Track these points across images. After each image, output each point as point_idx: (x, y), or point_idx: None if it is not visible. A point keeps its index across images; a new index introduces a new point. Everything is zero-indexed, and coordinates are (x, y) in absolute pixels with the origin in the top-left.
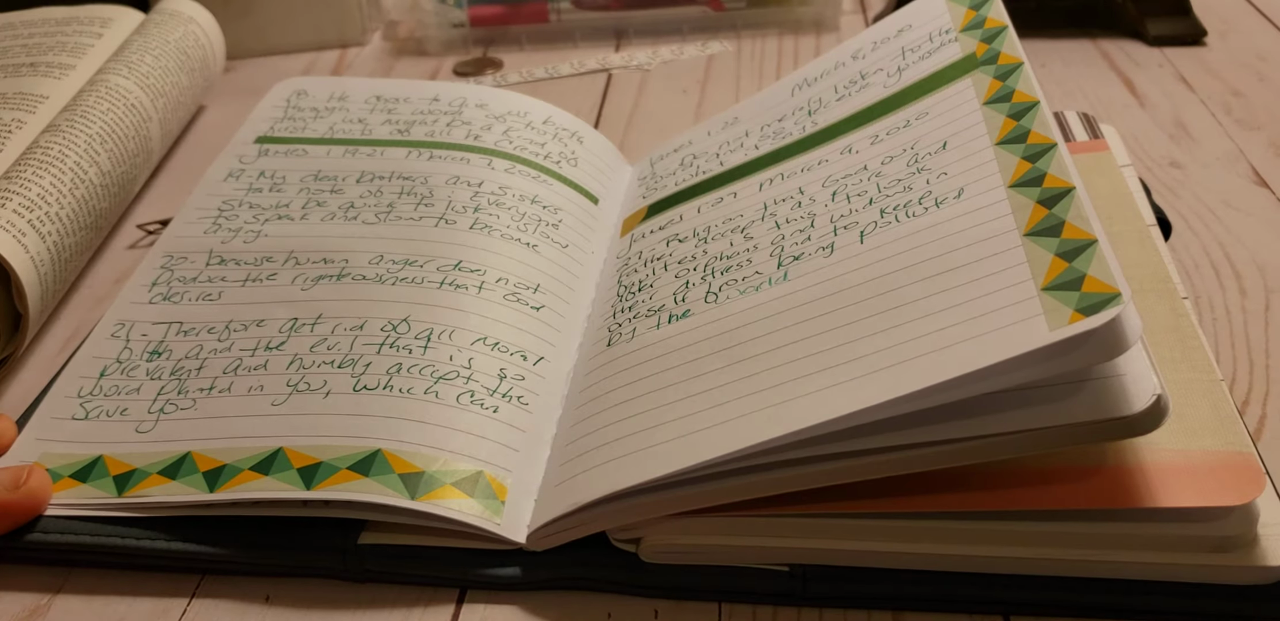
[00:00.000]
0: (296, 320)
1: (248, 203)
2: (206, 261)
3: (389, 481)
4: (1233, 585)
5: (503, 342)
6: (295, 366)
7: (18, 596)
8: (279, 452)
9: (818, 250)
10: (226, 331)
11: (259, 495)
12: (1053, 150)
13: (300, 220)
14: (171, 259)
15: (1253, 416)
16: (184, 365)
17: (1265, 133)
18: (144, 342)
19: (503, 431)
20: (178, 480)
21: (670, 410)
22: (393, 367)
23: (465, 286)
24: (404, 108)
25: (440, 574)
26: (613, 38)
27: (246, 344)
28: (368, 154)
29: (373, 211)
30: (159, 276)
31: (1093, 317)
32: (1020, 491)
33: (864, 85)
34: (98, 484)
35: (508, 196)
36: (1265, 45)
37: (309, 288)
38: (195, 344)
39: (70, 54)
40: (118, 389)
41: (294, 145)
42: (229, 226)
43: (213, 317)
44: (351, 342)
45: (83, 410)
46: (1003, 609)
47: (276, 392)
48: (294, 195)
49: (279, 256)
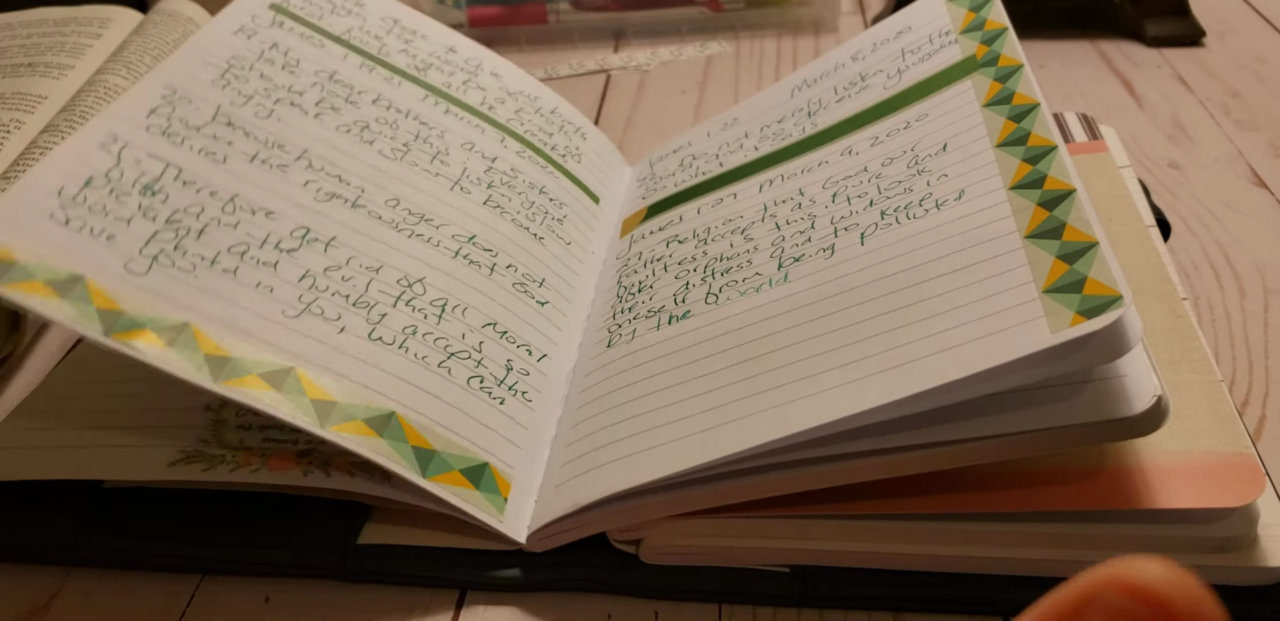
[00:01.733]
0: (309, 231)
1: (259, 71)
2: (213, 115)
3: (401, 450)
4: (1233, 586)
5: (510, 332)
6: (308, 283)
7: (18, 596)
8: (292, 372)
9: (818, 251)
10: (232, 205)
11: (271, 410)
12: (1053, 152)
13: (314, 118)
14: (175, 94)
15: (1252, 417)
16: (183, 219)
17: (1264, 134)
18: (137, 171)
19: (508, 426)
20: (174, 348)
21: (671, 411)
22: (409, 328)
23: (479, 264)
24: (422, 45)
25: (440, 574)
26: (611, 38)
27: (255, 231)
28: (384, 77)
29: (388, 144)
30: (158, 106)
31: (1094, 320)
32: (1020, 492)
33: (864, 87)
34: (80, 309)
35: (519, 181)
36: (1264, 46)
37: (323, 201)
38: (196, 202)
39: (69, 54)
40: (104, 209)
41: (310, 31)
42: (240, 88)
43: (218, 181)
44: (367, 284)
45: (63, 214)
46: (1003, 610)
47: (288, 302)
48: (308, 87)
49: (292, 149)
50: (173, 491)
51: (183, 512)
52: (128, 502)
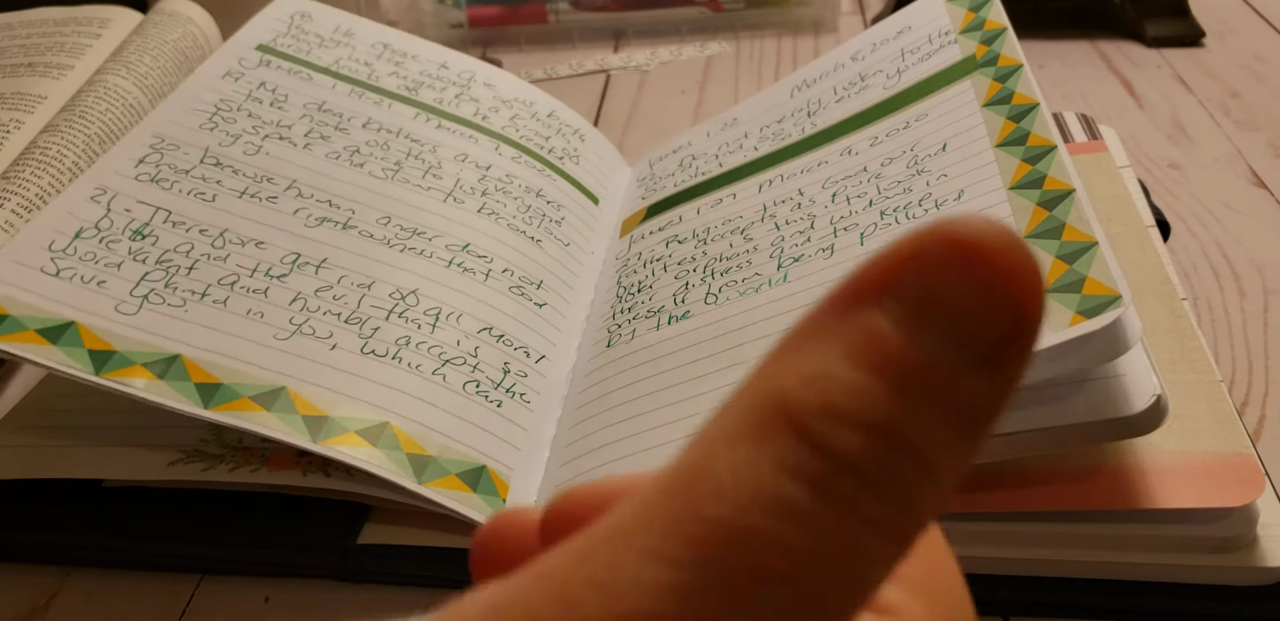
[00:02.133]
0: (300, 256)
1: (247, 110)
2: (201, 158)
3: (396, 458)
4: (1232, 586)
5: (507, 335)
6: (299, 306)
7: (18, 596)
8: (283, 391)
9: (817, 251)
10: (221, 240)
11: (261, 430)
12: (1053, 152)
13: (303, 149)
14: (163, 142)
15: (1252, 417)
16: (173, 258)
17: (1264, 134)
18: (127, 218)
19: (506, 428)
20: (165, 380)
21: (670, 411)
22: (402, 339)
23: (474, 271)
24: (412, 65)
25: (440, 574)
26: (611, 38)
27: (245, 262)
28: (374, 102)
29: (379, 165)
30: (147, 155)
31: (1094, 319)
32: (1019, 492)
33: (863, 87)
34: (70, 353)
35: (514, 186)
36: (1263, 46)
37: (313, 226)
38: (186, 241)
39: (68, 54)
40: (95, 256)
41: (298, 66)
42: (228, 129)
43: (206, 220)
44: (359, 300)
45: (54, 266)
46: (1002, 610)
47: (279, 326)
48: (296, 120)
49: (280, 181)
50: (173, 491)
51: (183, 512)
52: (128, 502)
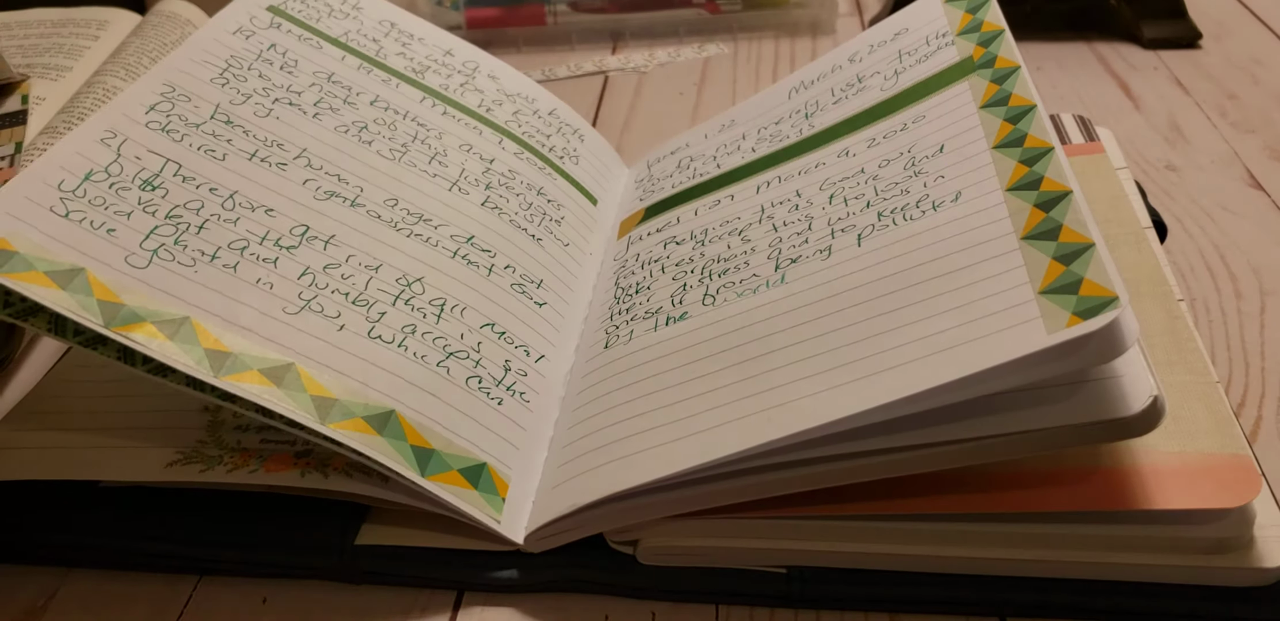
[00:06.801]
0: (309, 229)
1: (258, 70)
2: (212, 113)
3: (401, 449)
4: (1229, 587)
5: (509, 333)
6: (308, 280)
7: (16, 596)
8: (292, 368)
9: (815, 253)
10: (232, 202)
11: (271, 405)
12: (1050, 154)
13: (313, 118)
14: (174, 91)
15: (1248, 418)
16: (183, 215)
17: (1260, 136)
18: (137, 166)
19: (507, 427)
20: (175, 342)
21: (668, 412)
22: (408, 327)
23: (477, 264)
24: (419, 47)
25: (438, 575)
26: (609, 40)
27: (254, 228)
28: (382, 79)
29: (386, 145)
30: (158, 103)
31: (1090, 321)
32: (1017, 493)
33: (861, 88)
34: (80, 300)
35: (516, 182)
36: (1260, 48)
37: (323, 199)
38: (196, 198)
39: (67, 56)
40: (104, 202)
41: (308, 33)
42: (239, 87)
43: (216, 178)
44: (367, 282)
45: (63, 206)
46: (999, 610)
47: (288, 299)
48: (306, 87)
49: (291, 148)
50: (171, 492)
51: (181, 513)
52: (126, 503)
